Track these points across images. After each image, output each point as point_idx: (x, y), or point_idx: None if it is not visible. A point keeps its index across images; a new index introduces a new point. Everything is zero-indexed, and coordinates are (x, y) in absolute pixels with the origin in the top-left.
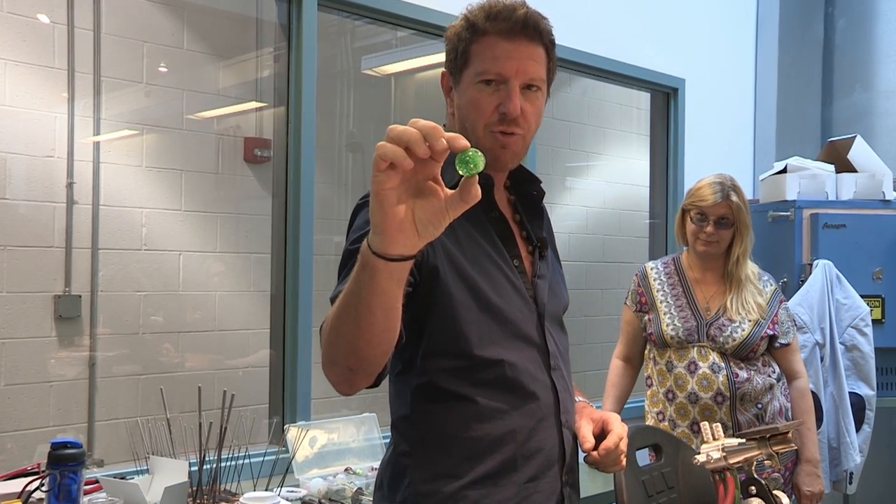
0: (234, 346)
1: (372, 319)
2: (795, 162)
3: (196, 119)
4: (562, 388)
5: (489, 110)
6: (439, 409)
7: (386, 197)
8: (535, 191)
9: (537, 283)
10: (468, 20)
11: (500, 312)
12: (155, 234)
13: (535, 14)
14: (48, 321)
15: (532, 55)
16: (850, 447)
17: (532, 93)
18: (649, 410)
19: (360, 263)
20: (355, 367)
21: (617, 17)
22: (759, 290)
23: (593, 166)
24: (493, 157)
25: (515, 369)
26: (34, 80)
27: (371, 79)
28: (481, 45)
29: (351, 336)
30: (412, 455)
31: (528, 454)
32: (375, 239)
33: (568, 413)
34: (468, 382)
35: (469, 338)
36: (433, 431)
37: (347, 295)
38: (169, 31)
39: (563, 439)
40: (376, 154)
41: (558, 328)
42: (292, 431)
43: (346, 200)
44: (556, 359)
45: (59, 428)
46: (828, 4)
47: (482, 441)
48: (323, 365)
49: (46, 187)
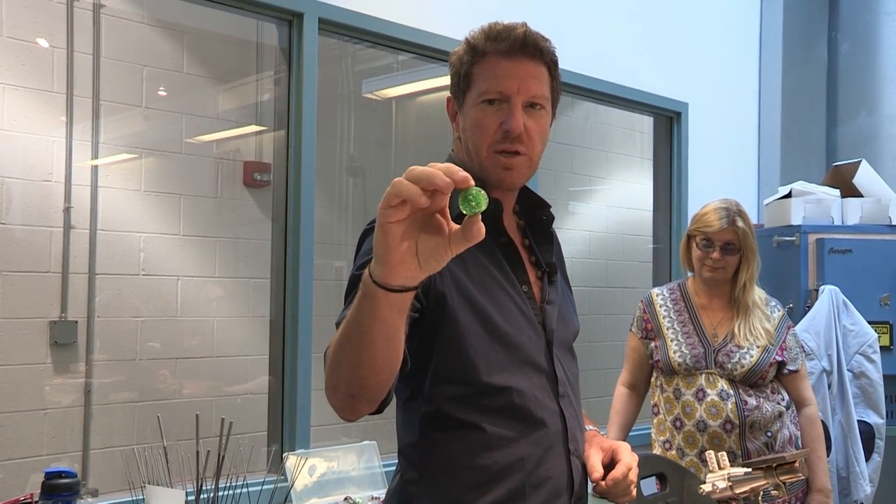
0: (233, 372)
1: (373, 347)
2: (800, 186)
3: (195, 143)
4: (570, 415)
5: (492, 129)
6: (447, 437)
7: (391, 229)
8: (545, 215)
9: (546, 308)
10: (469, 43)
11: (508, 339)
12: (153, 259)
13: (534, 33)
14: (43, 347)
15: (533, 73)
16: (859, 477)
17: (536, 111)
18: (656, 439)
19: (361, 292)
20: (357, 393)
21: (619, 41)
22: (767, 315)
23: (596, 190)
24: (497, 179)
25: (523, 396)
26: (32, 104)
27: (372, 102)
28: (482, 66)
29: (352, 363)
30: (419, 483)
31: (537, 482)
32: (377, 269)
33: (576, 441)
34: (476, 410)
35: (476, 364)
36: (441, 459)
37: (349, 322)
38: (168, 55)
39: (571, 467)
40: (391, 190)
41: (568, 355)
42: (291, 460)
43: (346, 225)
44: (564, 386)
45: (54, 457)
46: (831, 28)
47: (490, 469)
48: (326, 390)
49: (43, 212)
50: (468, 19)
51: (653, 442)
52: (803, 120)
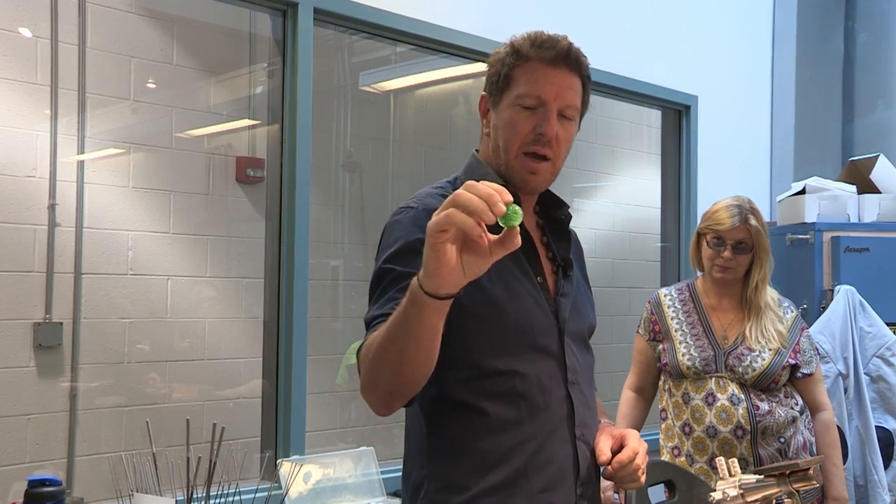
0: (225, 375)
1: (418, 348)
2: (815, 182)
3: (186, 137)
4: (579, 402)
5: (525, 131)
6: (451, 420)
7: (443, 248)
8: (563, 215)
9: (560, 300)
10: (513, 46)
11: (516, 324)
12: (142, 258)
13: (577, 48)
14: (27, 350)
15: (571, 84)
16: (878, 485)
17: (566, 121)
18: (664, 445)
19: (408, 300)
20: (396, 391)
21: (625, 30)
22: (780, 317)
23: (602, 187)
24: (522, 181)
25: (527, 381)
26: (15, 97)
27: (369, 96)
28: (524, 69)
29: (396, 364)
30: (427, 466)
31: (540, 465)
32: (427, 280)
33: (585, 427)
34: (478, 393)
35: (480, 348)
36: (445, 442)
37: (394, 327)
38: (158, 46)
39: (577, 452)
40: (446, 220)
41: (582, 346)
42: (285, 466)
43: (342, 223)
44: (574, 373)
45: (37, 464)
46: (848, 18)
47: (492, 452)
48: (362, 389)
49: (27, 209)
50: (470, 10)
51: (661, 448)
52: (818, 113)
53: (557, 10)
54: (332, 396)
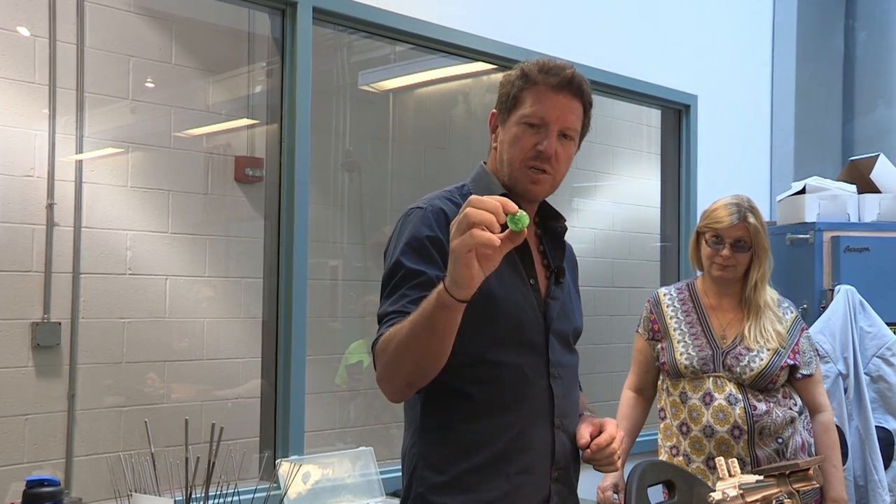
0: (224, 375)
1: (442, 344)
2: (815, 182)
3: (184, 137)
4: (559, 394)
5: (528, 147)
6: (442, 404)
7: (470, 259)
8: (560, 227)
9: (550, 302)
10: (523, 70)
11: (507, 319)
12: (140, 258)
13: (580, 76)
14: (25, 350)
15: (572, 108)
16: (878, 486)
17: (566, 141)
18: (662, 444)
19: (436, 305)
20: (414, 381)
21: (624, 30)
22: (779, 317)
23: (601, 186)
24: (524, 189)
25: (514, 371)
26: (13, 96)
27: (368, 95)
28: (531, 92)
29: (418, 357)
30: (418, 444)
31: (519, 449)
32: (456, 289)
33: (565, 417)
34: (468, 379)
35: (473, 339)
36: (435, 423)
37: (418, 326)
38: (156, 45)
39: (555, 439)
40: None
41: (566, 347)
42: (284, 467)
43: (341, 222)
44: (556, 367)
45: (35, 464)
46: (848, 17)
47: (477, 434)
48: (379, 380)
49: (25, 208)
50: (469, 10)
51: (659, 447)
52: (818, 112)
53: (557, 10)
54: (331, 396)
